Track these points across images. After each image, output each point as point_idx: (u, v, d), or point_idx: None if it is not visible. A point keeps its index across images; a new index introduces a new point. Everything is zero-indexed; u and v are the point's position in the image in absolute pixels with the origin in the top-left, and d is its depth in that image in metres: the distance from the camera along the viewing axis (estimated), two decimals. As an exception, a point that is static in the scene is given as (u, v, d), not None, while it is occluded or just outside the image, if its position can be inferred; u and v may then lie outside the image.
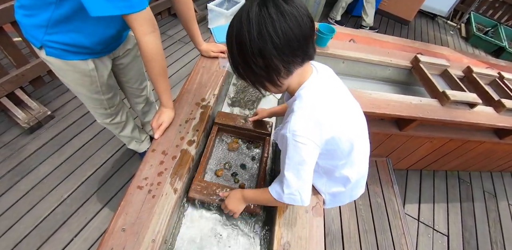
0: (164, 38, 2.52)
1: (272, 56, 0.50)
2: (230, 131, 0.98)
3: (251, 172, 0.92)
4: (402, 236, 1.36)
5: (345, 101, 0.64)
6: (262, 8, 0.48)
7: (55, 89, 1.87)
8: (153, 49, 0.74)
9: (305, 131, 0.55)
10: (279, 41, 0.48)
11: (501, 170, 2.25)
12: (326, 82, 0.61)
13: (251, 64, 0.52)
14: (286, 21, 0.48)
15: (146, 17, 0.69)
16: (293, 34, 0.49)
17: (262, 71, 0.53)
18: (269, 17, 0.47)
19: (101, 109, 1.08)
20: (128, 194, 0.69)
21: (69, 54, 0.82)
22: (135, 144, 1.44)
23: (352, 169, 0.69)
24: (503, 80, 1.67)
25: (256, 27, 0.48)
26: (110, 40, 0.87)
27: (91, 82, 0.93)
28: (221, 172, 0.88)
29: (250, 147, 0.98)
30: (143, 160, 0.76)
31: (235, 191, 0.73)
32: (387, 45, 1.85)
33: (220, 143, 0.98)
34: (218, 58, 1.15)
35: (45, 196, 1.38)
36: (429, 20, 4.34)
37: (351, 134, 0.62)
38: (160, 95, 0.84)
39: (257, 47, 0.49)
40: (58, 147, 1.57)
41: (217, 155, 0.94)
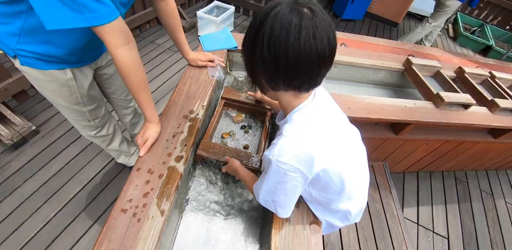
0: (153, 47, 2.48)
1: (257, 65, 0.48)
2: (235, 105, 1.08)
3: (255, 135, 1.05)
4: (403, 242, 1.33)
5: (340, 131, 0.59)
6: (292, 11, 0.43)
7: (40, 103, 1.80)
8: (128, 63, 0.69)
9: (292, 160, 0.50)
10: (267, 55, 0.45)
11: (497, 168, 2.26)
12: (321, 108, 0.56)
13: (245, 59, 0.51)
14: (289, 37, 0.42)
15: (118, 28, 0.65)
16: (285, 54, 0.43)
17: (250, 72, 0.52)
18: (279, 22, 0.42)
19: (84, 121, 1.03)
20: (111, 219, 0.65)
21: (45, 64, 0.77)
22: (125, 157, 1.39)
23: (351, 202, 0.65)
24: (494, 80, 1.68)
25: (258, 27, 0.45)
26: (85, 51, 0.83)
27: (71, 93, 0.88)
28: (226, 135, 1.00)
29: (251, 120, 1.09)
30: (127, 180, 0.72)
31: (234, 162, 0.78)
32: (379, 48, 1.84)
33: (225, 117, 1.08)
34: (206, 67, 1.11)
35: (30, 216, 1.31)
36: (417, 21, 4.41)
37: (345, 167, 0.57)
38: (143, 110, 0.80)
39: (249, 48, 0.47)
40: (43, 163, 1.51)
41: (222, 125, 1.05)
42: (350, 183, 0.60)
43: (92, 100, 0.98)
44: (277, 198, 0.58)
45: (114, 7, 0.63)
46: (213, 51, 1.19)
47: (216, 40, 1.26)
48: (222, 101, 1.04)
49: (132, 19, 2.39)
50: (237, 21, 3.05)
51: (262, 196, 0.60)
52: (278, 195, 0.57)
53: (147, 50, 2.43)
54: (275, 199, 0.59)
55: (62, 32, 0.70)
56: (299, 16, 0.42)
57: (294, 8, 0.43)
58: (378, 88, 1.64)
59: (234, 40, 1.27)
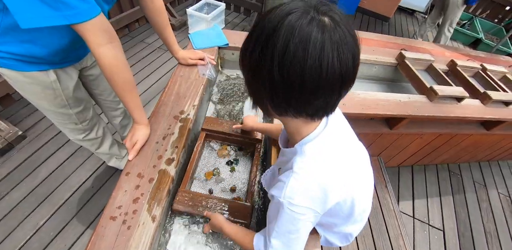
0: (143, 46, 2.42)
1: (262, 87, 0.38)
2: (218, 137, 0.93)
3: (243, 172, 0.90)
4: (399, 236, 1.33)
5: (352, 157, 0.53)
6: (311, 23, 0.33)
7: (26, 107, 1.74)
8: (112, 62, 0.66)
9: (305, 200, 0.44)
10: (277, 78, 0.35)
11: (489, 159, 2.29)
12: (335, 136, 0.48)
13: (246, 77, 0.41)
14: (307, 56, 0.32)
15: (100, 26, 0.62)
16: (302, 78, 0.34)
17: (253, 93, 0.42)
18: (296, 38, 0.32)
19: (71, 124, 0.98)
20: (99, 227, 0.62)
21: (25, 65, 0.73)
22: (116, 160, 1.35)
23: (355, 226, 0.62)
24: (486, 72, 1.69)
25: (265, 39, 0.34)
26: (69, 50, 0.78)
27: (55, 96, 0.84)
28: (210, 175, 0.86)
29: (240, 154, 0.94)
30: (116, 186, 0.68)
31: (216, 219, 0.65)
32: (371, 43, 1.83)
33: (209, 150, 0.95)
34: (197, 65, 1.08)
35: (19, 224, 1.26)
36: (408, 16, 4.43)
37: (356, 195, 0.52)
38: (131, 111, 0.76)
39: (253, 64, 0.37)
40: (31, 169, 1.46)
41: (206, 162, 0.91)
42: (359, 209, 0.55)
43: (79, 102, 0.94)
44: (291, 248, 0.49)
45: (94, 3, 0.60)
46: (203, 49, 1.16)
47: (207, 37, 1.23)
48: (203, 134, 0.88)
49: (120, 18, 2.32)
50: (228, 18, 3.00)
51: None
52: (291, 244, 0.49)
53: (137, 49, 2.37)
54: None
55: (44, 31, 0.66)
56: (320, 29, 0.32)
57: (313, 18, 0.33)
58: (372, 83, 1.63)
59: (225, 37, 1.23)
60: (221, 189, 0.85)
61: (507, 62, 2.23)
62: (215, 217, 0.66)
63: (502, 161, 2.38)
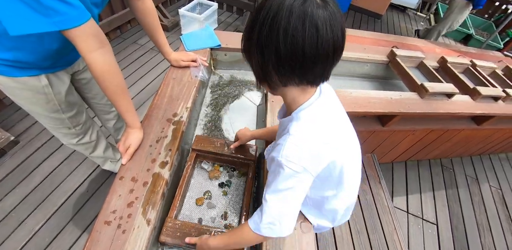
0: (136, 47, 2.39)
1: (270, 61, 0.44)
2: (210, 157, 0.90)
3: (236, 195, 0.86)
4: (394, 231, 1.36)
5: (343, 127, 0.59)
6: (306, 2, 0.40)
7: (17, 112, 1.71)
8: (103, 67, 0.66)
9: (300, 159, 0.48)
10: (283, 51, 0.42)
11: (480, 153, 2.34)
12: (327, 106, 0.55)
13: (253, 54, 0.46)
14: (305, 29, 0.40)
15: (90, 31, 0.61)
16: (303, 49, 0.41)
17: (258, 68, 0.48)
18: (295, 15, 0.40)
19: (64, 129, 0.98)
20: (94, 232, 0.62)
21: (16, 71, 0.72)
22: (110, 163, 1.34)
23: (342, 201, 0.65)
24: (475, 68, 1.72)
25: (271, 20, 0.41)
26: (59, 55, 0.78)
27: (47, 101, 0.83)
28: (201, 201, 0.82)
29: (233, 174, 0.90)
30: (110, 190, 0.69)
31: (200, 243, 0.64)
32: (363, 41, 1.84)
33: (199, 171, 0.90)
34: (189, 67, 1.07)
35: (14, 230, 1.25)
36: (400, 13, 4.46)
37: (345, 162, 0.57)
38: (123, 115, 0.76)
39: (261, 43, 0.43)
40: (25, 175, 1.44)
41: (197, 184, 0.86)
42: (348, 177, 0.60)
43: (71, 107, 0.93)
44: (286, 209, 0.51)
45: (84, 9, 0.59)
46: (195, 51, 1.16)
47: (199, 39, 1.22)
48: (194, 154, 0.85)
49: (111, 19, 2.29)
50: (221, 18, 2.98)
51: (267, 218, 0.51)
52: (288, 205, 0.51)
53: (129, 51, 2.35)
54: (283, 214, 0.51)
55: (33, 37, 0.66)
56: (314, 7, 0.40)
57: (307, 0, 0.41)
58: (364, 81, 1.64)
59: (217, 38, 1.23)
60: (212, 216, 0.80)
61: (496, 57, 2.27)
62: (199, 240, 0.65)
63: (493, 155, 2.44)
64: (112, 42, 2.40)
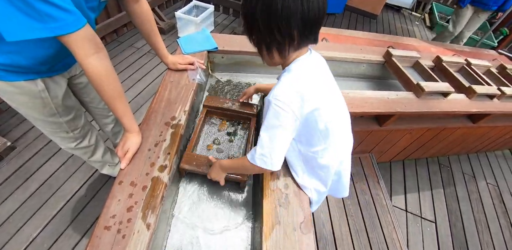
0: (132, 51, 2.39)
1: (297, 26, 0.53)
2: (218, 113, 1.05)
3: (241, 143, 1.02)
4: (393, 230, 1.37)
5: (329, 83, 0.68)
6: None
7: (14, 117, 1.70)
8: (99, 72, 0.66)
9: (286, 98, 0.58)
10: (308, 15, 0.51)
11: (477, 151, 2.36)
12: (315, 62, 0.65)
13: (273, 28, 0.54)
14: None
15: (86, 37, 0.61)
16: (318, 13, 0.52)
17: (280, 37, 0.55)
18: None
19: (62, 133, 0.97)
20: (94, 238, 0.62)
21: (12, 75, 0.72)
22: (109, 168, 1.34)
23: (332, 156, 0.71)
24: (470, 67, 1.74)
25: None
26: (56, 60, 0.78)
27: (44, 105, 0.83)
28: (211, 146, 0.97)
29: (238, 127, 1.07)
30: (109, 195, 0.68)
31: (215, 162, 0.80)
32: (359, 41, 1.86)
33: (210, 125, 1.06)
34: (186, 70, 1.08)
35: (12, 237, 1.24)
36: (395, 12, 4.50)
37: (331, 114, 0.64)
38: (121, 120, 0.76)
39: (287, 13, 0.51)
40: (22, 181, 1.43)
41: (207, 135, 1.03)
42: (334, 132, 0.66)
43: (69, 111, 0.93)
44: (274, 144, 0.61)
45: (80, 15, 0.60)
46: (192, 54, 1.16)
47: (195, 41, 1.22)
48: (205, 110, 1.00)
49: (108, 22, 2.28)
50: (217, 20, 2.99)
51: (260, 150, 0.62)
52: (276, 140, 0.61)
53: (126, 54, 2.34)
54: (273, 148, 0.62)
55: (29, 42, 0.65)
56: None
57: None
58: (360, 81, 1.65)
59: (213, 41, 1.23)
60: (220, 158, 0.93)
61: (491, 55, 2.30)
62: (213, 163, 0.80)
63: (490, 152, 2.46)
64: (108, 45, 2.39)
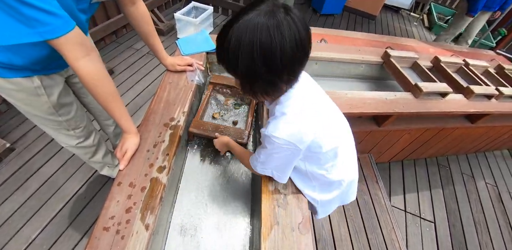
0: (132, 52, 2.40)
1: (299, 65, 0.52)
2: (223, 89, 1.14)
3: (243, 112, 1.14)
4: (392, 231, 1.37)
5: (324, 106, 0.68)
6: (287, 16, 0.46)
7: (13, 119, 1.70)
8: (91, 74, 0.66)
9: (282, 135, 0.58)
10: (306, 52, 0.51)
11: (475, 151, 2.36)
12: (306, 88, 0.64)
13: (274, 74, 0.51)
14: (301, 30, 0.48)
15: (75, 40, 0.61)
16: (309, 45, 0.51)
17: (277, 81, 0.53)
18: (294, 26, 0.47)
19: (63, 130, 0.97)
20: (93, 239, 0.62)
21: (9, 72, 0.73)
22: (108, 169, 1.34)
23: (342, 171, 0.72)
24: (468, 67, 1.75)
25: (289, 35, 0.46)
26: (50, 60, 0.78)
27: (41, 103, 0.83)
28: (217, 115, 1.07)
29: (242, 103, 1.16)
30: (108, 197, 0.69)
31: (224, 137, 0.88)
32: (357, 42, 1.87)
33: (215, 101, 1.14)
34: (185, 72, 1.08)
35: (11, 238, 1.24)
36: (394, 13, 4.51)
37: (333, 138, 0.65)
38: (118, 121, 0.76)
39: (289, 56, 0.48)
40: (21, 182, 1.43)
41: (213, 107, 1.12)
42: (340, 148, 0.68)
43: (68, 109, 0.93)
44: (274, 164, 0.66)
45: (68, 18, 0.60)
46: (191, 55, 1.16)
47: (194, 43, 1.23)
48: (211, 86, 1.11)
49: (107, 24, 2.29)
50: (216, 21, 3.00)
51: (260, 165, 0.68)
52: (275, 162, 0.65)
53: (125, 55, 2.35)
54: (273, 165, 0.67)
55: (23, 44, 0.66)
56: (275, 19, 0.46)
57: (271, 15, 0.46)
58: (359, 82, 1.66)
59: (212, 42, 1.24)
60: (226, 124, 1.06)
61: (489, 56, 2.31)
62: (222, 136, 0.89)
63: (488, 152, 2.46)
64: (108, 46, 2.39)
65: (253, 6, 0.48)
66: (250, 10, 0.47)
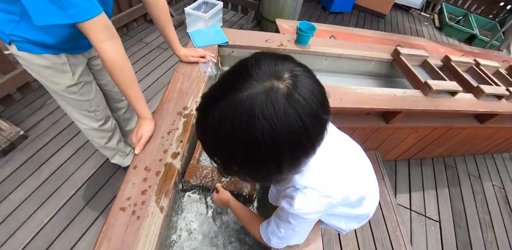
0: (142, 45, 2.43)
1: (304, 156, 0.40)
2: None
3: None
4: (397, 227, 1.37)
5: (347, 158, 0.58)
6: (290, 96, 0.34)
7: (27, 107, 1.74)
8: (113, 57, 0.70)
9: (314, 208, 0.51)
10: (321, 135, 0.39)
11: (483, 152, 2.34)
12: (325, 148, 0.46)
13: (278, 160, 0.38)
14: (304, 118, 0.35)
15: (101, 23, 0.67)
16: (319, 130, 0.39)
17: (278, 174, 0.41)
18: (294, 112, 0.34)
19: (85, 111, 1.02)
20: (110, 217, 0.64)
21: (41, 49, 0.79)
22: (119, 157, 1.37)
23: (369, 207, 0.68)
24: (479, 67, 1.73)
25: (280, 126, 0.34)
26: (78, 39, 0.83)
27: (66, 80, 0.89)
28: None
29: None
30: (125, 179, 0.71)
31: (224, 194, 0.74)
32: (367, 40, 1.86)
33: None
34: (198, 63, 1.10)
35: (24, 222, 1.28)
36: (404, 12, 4.47)
37: (360, 188, 0.60)
38: (134, 106, 0.79)
39: (312, 142, 0.38)
40: (34, 169, 1.47)
41: None
42: (368, 195, 0.63)
43: (88, 89, 0.97)
44: (296, 239, 0.60)
45: (96, 3, 0.65)
46: (204, 47, 1.18)
47: (206, 35, 1.25)
48: None
49: (118, 17, 2.32)
50: (225, 17, 3.01)
51: (277, 239, 0.59)
52: (298, 235, 0.59)
53: (136, 49, 2.38)
54: (294, 240, 0.60)
55: None
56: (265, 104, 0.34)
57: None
58: (368, 79, 1.66)
59: (224, 35, 1.25)
60: None
61: (500, 57, 2.28)
62: (225, 192, 0.75)
63: (497, 154, 2.44)
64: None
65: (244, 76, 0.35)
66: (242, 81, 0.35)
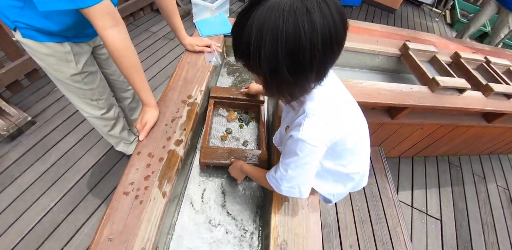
0: (148, 35, 2.42)
1: (331, 62, 0.45)
2: (225, 103, 1.04)
3: (253, 129, 1.04)
4: (398, 224, 1.37)
5: (349, 102, 0.64)
6: (323, 5, 0.39)
7: (34, 94, 1.77)
8: (117, 43, 0.70)
9: (319, 134, 0.54)
10: (340, 46, 0.44)
11: (489, 152, 2.31)
12: (333, 85, 0.59)
13: (301, 73, 0.43)
14: (336, 20, 0.41)
15: (105, 10, 0.66)
16: (344, 38, 0.44)
17: (305, 80, 0.46)
18: (329, 13, 0.39)
19: (87, 99, 1.03)
20: (113, 201, 0.65)
21: (44, 36, 0.78)
22: (123, 145, 1.39)
23: (358, 165, 0.70)
24: (489, 65, 1.69)
25: (321, 26, 0.38)
26: (81, 27, 0.82)
27: (69, 69, 0.89)
28: (225, 136, 0.97)
29: (247, 117, 1.07)
30: (128, 164, 0.72)
31: (237, 162, 0.80)
32: (376, 34, 1.82)
33: (218, 118, 1.05)
34: (203, 52, 1.09)
35: (31, 205, 1.31)
36: (415, 8, 4.36)
37: (356, 134, 0.63)
38: (139, 93, 0.79)
39: (320, 52, 0.41)
40: (41, 154, 1.50)
41: (217, 126, 1.02)
42: (360, 147, 0.66)
43: (92, 79, 0.97)
44: (304, 178, 0.59)
45: None
46: (209, 37, 1.17)
47: (213, 25, 1.24)
48: (212, 101, 0.99)
49: (125, 6, 2.31)
50: (232, 8, 2.98)
51: (288, 184, 0.59)
52: (305, 174, 0.58)
53: (142, 38, 2.38)
54: (302, 181, 0.59)
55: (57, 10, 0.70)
56: None
57: None
58: (374, 73, 1.64)
59: (230, 25, 1.24)
60: (237, 145, 0.97)
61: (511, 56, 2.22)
62: (237, 161, 0.81)
63: (503, 155, 2.40)
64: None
65: None
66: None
